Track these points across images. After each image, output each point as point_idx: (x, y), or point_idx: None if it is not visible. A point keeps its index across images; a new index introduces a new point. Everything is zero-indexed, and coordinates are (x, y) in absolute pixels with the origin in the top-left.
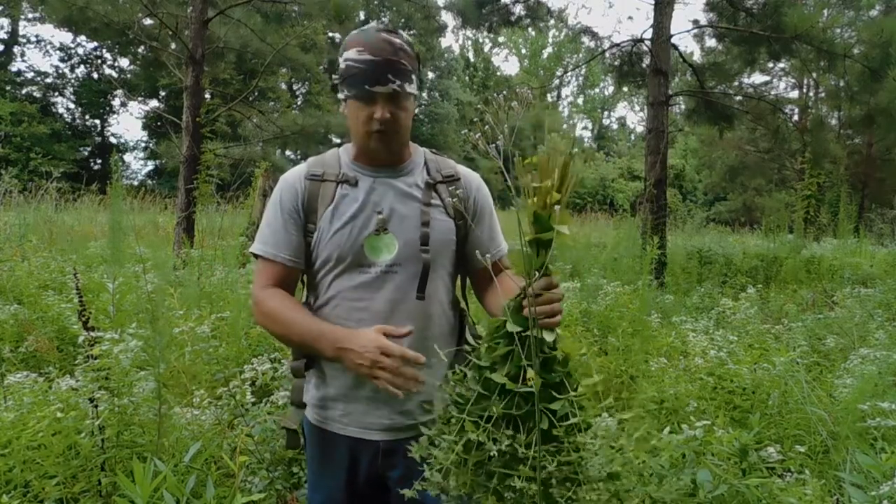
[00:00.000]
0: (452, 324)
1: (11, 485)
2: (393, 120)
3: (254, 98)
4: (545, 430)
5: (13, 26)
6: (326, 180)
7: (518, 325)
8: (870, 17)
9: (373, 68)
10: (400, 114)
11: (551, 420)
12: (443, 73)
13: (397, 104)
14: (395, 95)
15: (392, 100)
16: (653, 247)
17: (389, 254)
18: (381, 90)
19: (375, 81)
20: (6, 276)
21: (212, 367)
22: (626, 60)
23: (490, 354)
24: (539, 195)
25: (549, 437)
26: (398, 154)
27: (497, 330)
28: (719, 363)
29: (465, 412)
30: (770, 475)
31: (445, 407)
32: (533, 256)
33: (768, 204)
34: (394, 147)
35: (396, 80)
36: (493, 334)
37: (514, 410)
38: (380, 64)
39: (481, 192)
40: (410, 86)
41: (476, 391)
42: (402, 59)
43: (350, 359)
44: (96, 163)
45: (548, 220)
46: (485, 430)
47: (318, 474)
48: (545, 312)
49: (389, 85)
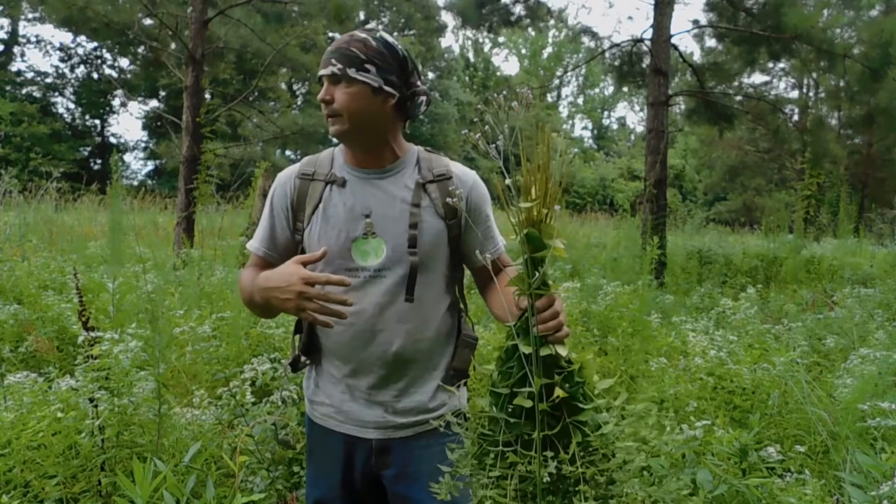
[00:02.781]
0: (449, 325)
1: (11, 485)
2: (334, 102)
3: (254, 98)
4: (580, 442)
5: (13, 26)
6: (316, 180)
7: (531, 346)
8: (870, 17)
9: (325, 55)
10: (342, 97)
11: (583, 431)
12: (443, 73)
13: (340, 87)
14: (336, 78)
15: (335, 83)
16: (653, 247)
17: (377, 258)
18: (323, 72)
19: (322, 66)
20: (6, 276)
21: (212, 367)
22: (626, 60)
23: (506, 380)
24: (527, 214)
25: (586, 448)
26: (375, 150)
27: (508, 354)
28: (719, 363)
29: (501, 443)
30: (770, 475)
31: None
32: (529, 275)
33: (768, 204)
34: (351, 134)
35: (338, 64)
36: (504, 359)
37: (548, 430)
38: (330, 51)
39: (476, 191)
40: (360, 73)
41: (503, 418)
42: (351, 47)
43: (276, 297)
44: (96, 163)
45: (540, 238)
46: (527, 457)
47: (315, 471)
48: (552, 328)
49: (329, 67)
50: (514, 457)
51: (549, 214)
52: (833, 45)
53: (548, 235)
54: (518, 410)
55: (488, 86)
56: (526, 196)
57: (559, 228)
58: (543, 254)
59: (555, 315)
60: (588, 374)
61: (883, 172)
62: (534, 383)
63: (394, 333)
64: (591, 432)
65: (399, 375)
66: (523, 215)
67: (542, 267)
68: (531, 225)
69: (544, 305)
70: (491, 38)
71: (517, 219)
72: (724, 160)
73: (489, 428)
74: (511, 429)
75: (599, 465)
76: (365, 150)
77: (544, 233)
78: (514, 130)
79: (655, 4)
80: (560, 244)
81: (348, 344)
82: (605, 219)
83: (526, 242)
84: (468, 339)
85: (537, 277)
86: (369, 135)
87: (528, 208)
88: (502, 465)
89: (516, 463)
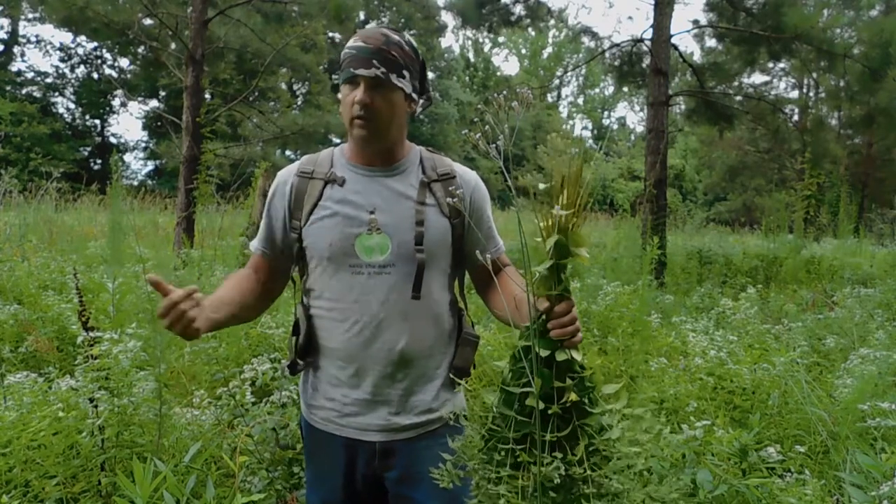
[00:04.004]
0: (451, 324)
1: (11, 485)
2: (373, 106)
3: (254, 98)
4: (587, 445)
5: (13, 26)
6: (315, 178)
7: (546, 348)
8: (870, 17)
9: (362, 53)
10: (381, 103)
11: (589, 434)
12: (443, 73)
13: (380, 92)
14: (378, 81)
15: (375, 86)
16: (653, 247)
17: (382, 254)
18: (365, 73)
19: (360, 65)
20: (6, 276)
21: (212, 368)
22: (626, 60)
23: (517, 379)
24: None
25: (592, 451)
26: (389, 150)
27: (522, 353)
28: (719, 363)
29: (511, 440)
30: (770, 475)
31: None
32: (554, 280)
33: (768, 204)
34: (375, 138)
35: (381, 68)
36: (517, 358)
37: (558, 432)
38: (368, 50)
39: (478, 191)
40: (399, 79)
41: (513, 417)
42: (392, 50)
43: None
44: (96, 163)
45: (566, 246)
46: (536, 456)
47: (315, 474)
48: (570, 333)
49: (372, 70)
50: (524, 455)
51: (577, 223)
52: (833, 45)
53: (574, 243)
54: (528, 410)
55: (488, 86)
56: (557, 201)
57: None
58: (568, 261)
59: (573, 320)
60: (596, 378)
61: (883, 172)
62: (535, 383)
63: (399, 330)
64: (595, 435)
65: (403, 374)
66: (552, 221)
67: (564, 273)
68: (559, 232)
69: (563, 311)
70: (491, 38)
71: (545, 223)
72: (724, 160)
73: (497, 423)
74: (520, 427)
75: (604, 468)
76: (378, 151)
77: (571, 240)
78: (514, 130)
79: (655, 4)
80: (585, 253)
81: (352, 342)
82: (605, 219)
83: (554, 249)
84: (469, 337)
85: (562, 284)
86: (389, 137)
87: (561, 219)
88: (511, 463)
89: (525, 462)
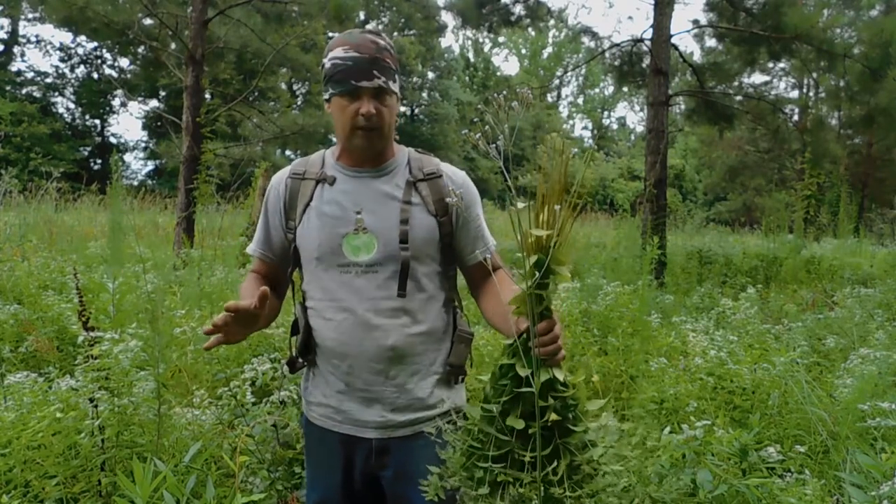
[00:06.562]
0: (444, 321)
1: (11, 485)
2: (377, 116)
3: (254, 98)
4: (568, 464)
5: (13, 26)
6: (307, 179)
7: (528, 368)
8: (870, 17)
9: (359, 65)
10: (384, 110)
11: (571, 452)
12: (443, 73)
13: (381, 101)
14: (380, 91)
15: (377, 96)
16: (653, 247)
17: (368, 253)
18: (367, 85)
19: (361, 77)
20: (6, 276)
21: (212, 367)
22: (626, 60)
23: (498, 397)
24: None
25: (573, 468)
26: (381, 153)
27: (503, 371)
28: (719, 363)
29: (491, 459)
30: (770, 475)
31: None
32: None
33: (768, 204)
34: (377, 145)
35: (381, 77)
36: (498, 375)
37: (538, 451)
38: (366, 60)
39: (467, 191)
40: (394, 84)
41: (493, 435)
42: (385, 58)
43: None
44: (96, 163)
45: (547, 265)
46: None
47: (314, 471)
48: (551, 352)
49: (375, 80)
50: (503, 476)
51: (558, 242)
52: (833, 45)
53: (556, 262)
54: (509, 428)
55: (488, 86)
56: (536, 222)
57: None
58: (549, 282)
59: (554, 339)
60: (580, 395)
61: (883, 172)
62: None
63: (388, 328)
64: (578, 452)
65: (396, 371)
66: (531, 240)
67: (545, 292)
68: (539, 251)
69: (544, 329)
70: (491, 38)
71: (525, 243)
72: (724, 160)
73: (479, 440)
74: (501, 446)
75: (586, 487)
76: (376, 151)
77: (553, 259)
78: (514, 130)
79: (655, 4)
80: (566, 272)
81: (343, 339)
82: (605, 219)
83: (532, 269)
84: (464, 334)
85: (543, 304)
86: (388, 138)
87: (541, 240)
88: (491, 481)
89: (505, 482)
